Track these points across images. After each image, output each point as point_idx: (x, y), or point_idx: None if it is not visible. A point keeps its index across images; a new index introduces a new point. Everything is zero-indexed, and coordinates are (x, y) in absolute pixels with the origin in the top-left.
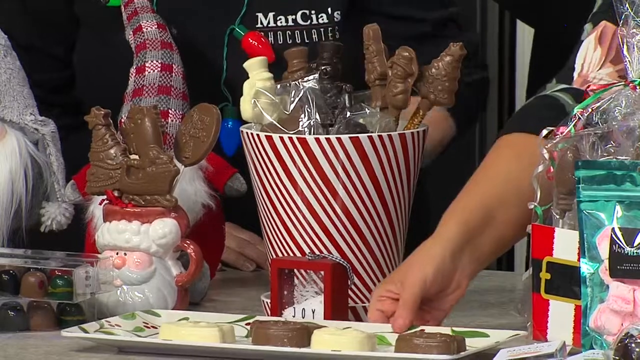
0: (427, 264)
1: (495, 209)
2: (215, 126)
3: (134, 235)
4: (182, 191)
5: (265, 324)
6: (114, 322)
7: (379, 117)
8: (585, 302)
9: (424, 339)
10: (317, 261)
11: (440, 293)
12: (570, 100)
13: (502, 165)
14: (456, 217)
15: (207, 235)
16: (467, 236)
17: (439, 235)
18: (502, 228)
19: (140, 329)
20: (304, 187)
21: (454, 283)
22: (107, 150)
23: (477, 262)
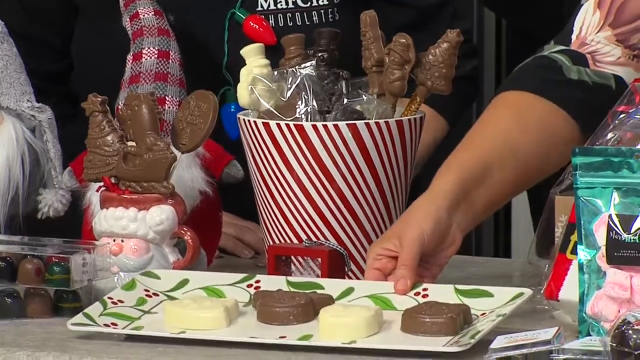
0: (424, 220)
1: (491, 167)
2: (212, 113)
3: (131, 222)
4: (179, 178)
5: (269, 298)
6: (116, 298)
7: (376, 103)
8: (583, 289)
9: (430, 317)
10: (314, 248)
11: (437, 248)
12: (568, 62)
13: (500, 123)
14: (453, 172)
15: (204, 222)
16: (463, 191)
17: (434, 190)
18: (497, 187)
19: (142, 301)
20: (301, 174)
21: (449, 238)
22: (104, 137)
23: (472, 217)
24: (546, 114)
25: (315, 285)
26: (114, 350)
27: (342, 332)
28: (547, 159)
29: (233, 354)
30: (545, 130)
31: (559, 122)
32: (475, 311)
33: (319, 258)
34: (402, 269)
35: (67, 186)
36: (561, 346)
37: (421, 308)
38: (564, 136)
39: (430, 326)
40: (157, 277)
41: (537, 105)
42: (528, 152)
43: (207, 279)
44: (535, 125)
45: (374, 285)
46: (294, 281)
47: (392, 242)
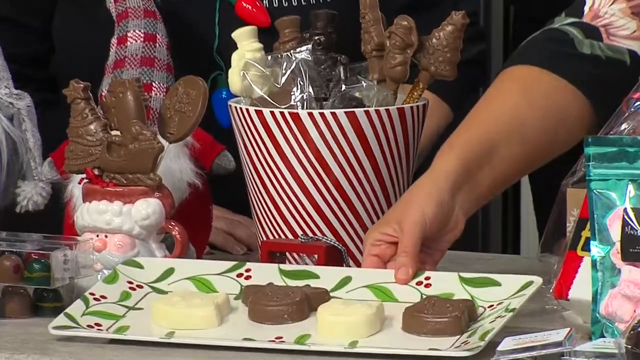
0: (425, 203)
1: (497, 145)
2: (202, 100)
3: (115, 216)
4: (167, 169)
5: (260, 295)
6: (99, 294)
7: (376, 90)
8: (596, 288)
9: (432, 316)
10: (310, 244)
11: (439, 232)
12: (580, 35)
13: (507, 99)
14: (455, 151)
15: (193, 216)
16: (466, 171)
17: (436, 170)
18: (502, 165)
19: (126, 295)
20: (296, 165)
21: (452, 221)
22: (87, 126)
23: (475, 199)
24: (555, 90)
25: (310, 275)
26: (97, 353)
27: (341, 332)
28: (555, 137)
29: (225, 356)
30: (553, 106)
31: (568, 99)
32: (482, 302)
33: (315, 254)
34: (403, 256)
35: (47, 178)
36: (573, 348)
37: (423, 306)
38: (573, 113)
39: (433, 326)
40: (141, 266)
41: (546, 80)
42: (535, 128)
43: (193, 268)
44: (543, 100)
45: (372, 274)
46: (287, 270)
47: (392, 227)
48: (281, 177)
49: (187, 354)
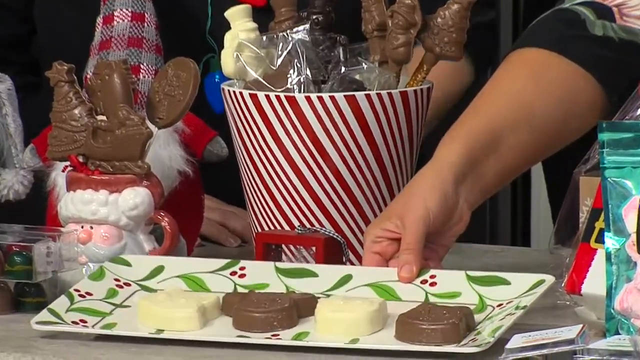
0: (429, 196)
1: (503, 133)
2: (193, 83)
3: (101, 206)
4: (156, 156)
5: (246, 303)
6: (84, 290)
7: (377, 72)
8: (610, 282)
9: (429, 323)
10: (307, 235)
11: (443, 227)
12: (592, 16)
13: (514, 84)
14: (459, 140)
15: (183, 206)
16: (471, 162)
17: (439, 161)
18: (509, 155)
19: (113, 293)
20: (293, 152)
21: (456, 215)
22: (71, 110)
23: (481, 191)
24: (565, 74)
25: (308, 273)
26: (83, 351)
27: (342, 329)
28: (565, 125)
29: (217, 354)
30: (564, 92)
31: (579, 84)
32: (491, 302)
33: (313, 247)
34: (407, 253)
35: (29, 166)
36: (586, 346)
37: (418, 313)
38: (585, 99)
39: (429, 333)
40: (128, 264)
41: (555, 64)
42: (544, 116)
43: (184, 266)
44: (553, 86)
45: (374, 273)
46: (284, 268)
47: (393, 222)
48: (277, 164)
49: (176, 352)
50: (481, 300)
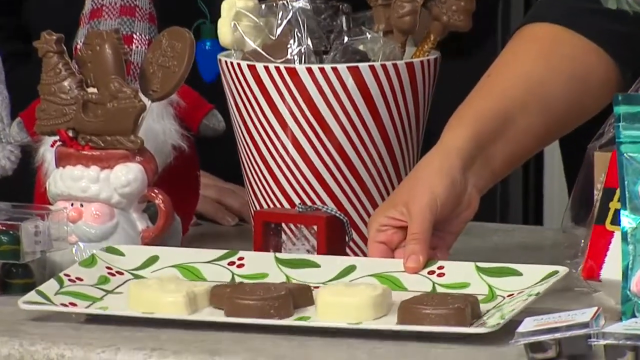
0: (436, 183)
1: (513, 115)
2: (188, 54)
3: (92, 183)
4: (149, 130)
5: (238, 291)
6: (74, 275)
7: (382, 42)
8: (626, 262)
9: (432, 308)
10: (308, 214)
11: (451, 214)
12: None
13: (524, 63)
14: (466, 124)
15: (178, 183)
16: (479, 146)
17: (446, 146)
18: (519, 138)
19: (105, 280)
20: (294, 126)
21: (465, 201)
22: (60, 83)
23: (491, 175)
24: (577, 50)
25: (310, 264)
26: (72, 335)
27: (343, 314)
28: (578, 104)
29: (212, 338)
30: (575, 69)
31: (592, 60)
32: (501, 292)
33: (314, 226)
34: (413, 243)
35: (16, 140)
36: (601, 330)
37: (421, 299)
38: (598, 77)
39: (433, 319)
40: (121, 253)
41: (567, 40)
42: (555, 96)
43: (179, 256)
44: (564, 64)
45: (379, 263)
46: (284, 258)
47: (399, 210)
48: (276, 139)
49: (170, 336)
50: (491, 290)
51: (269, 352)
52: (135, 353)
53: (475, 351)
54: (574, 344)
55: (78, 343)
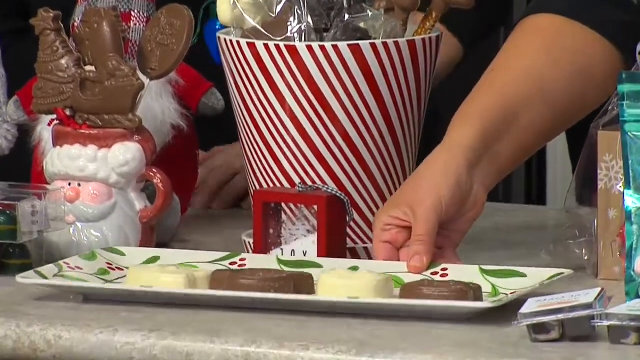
0: (441, 182)
1: (517, 111)
2: (187, 32)
3: (89, 162)
4: (148, 109)
5: (239, 273)
6: (74, 264)
7: (383, 20)
8: (630, 242)
9: (435, 288)
10: (309, 193)
11: (457, 214)
12: None
13: (527, 57)
14: (471, 122)
15: (177, 163)
16: (485, 142)
17: (451, 143)
18: (524, 133)
19: (104, 272)
20: (294, 105)
21: (471, 200)
22: (58, 61)
23: (497, 173)
24: (581, 43)
25: (312, 265)
26: (71, 316)
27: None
28: (582, 97)
29: (211, 319)
30: (580, 62)
31: (596, 52)
32: (504, 290)
33: (315, 206)
34: (417, 244)
35: (12, 119)
36: (604, 311)
37: (423, 282)
38: (602, 69)
39: (436, 298)
40: (122, 253)
41: (571, 32)
42: (559, 90)
43: (181, 257)
44: (568, 56)
45: (382, 266)
46: (286, 260)
47: (402, 210)
48: (276, 118)
49: (169, 316)
50: (494, 288)
51: (270, 332)
52: (133, 334)
53: (478, 332)
54: (577, 325)
55: (76, 324)
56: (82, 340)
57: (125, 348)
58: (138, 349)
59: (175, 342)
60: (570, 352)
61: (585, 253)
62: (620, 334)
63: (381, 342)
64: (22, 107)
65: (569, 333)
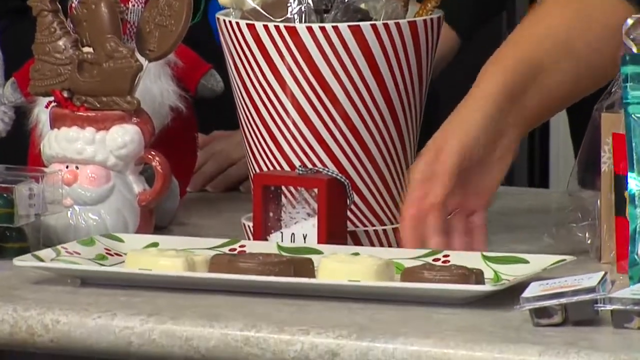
0: (465, 131)
1: (544, 64)
2: (186, 13)
3: (87, 144)
4: (146, 91)
5: (239, 257)
6: (72, 249)
7: (384, 1)
8: (634, 225)
9: (436, 272)
10: (309, 176)
11: (483, 168)
12: None
13: (554, 17)
14: (499, 72)
15: (176, 145)
16: (511, 94)
17: (476, 95)
18: (551, 87)
19: (102, 257)
20: (294, 87)
21: (497, 152)
22: (55, 42)
23: (524, 123)
24: (610, 8)
25: (313, 251)
26: (68, 300)
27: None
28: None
29: (210, 303)
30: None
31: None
32: (506, 276)
33: (315, 188)
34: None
35: (9, 101)
36: (607, 295)
37: (424, 266)
38: None
39: (438, 281)
40: (120, 240)
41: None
42: (587, 47)
43: (179, 243)
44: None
45: (383, 252)
46: (287, 246)
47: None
48: (276, 100)
49: (167, 300)
50: (496, 275)
51: (269, 317)
52: (131, 318)
53: (479, 316)
54: (580, 309)
55: (73, 308)
56: (80, 325)
57: (124, 332)
58: (137, 333)
59: (174, 326)
60: (573, 336)
61: (588, 237)
62: (624, 318)
63: (382, 327)
64: (19, 89)
65: (571, 317)
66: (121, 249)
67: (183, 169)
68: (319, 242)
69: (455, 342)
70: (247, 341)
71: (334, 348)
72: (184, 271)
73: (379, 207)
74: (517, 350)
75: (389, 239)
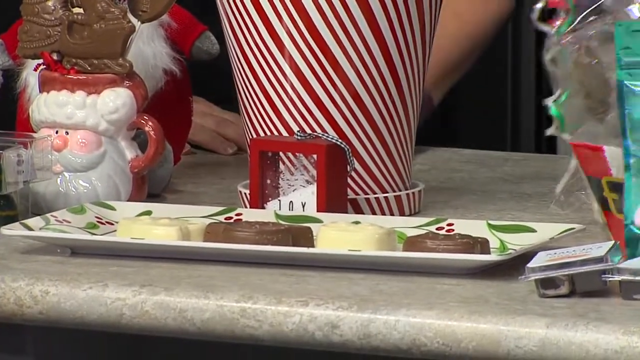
0: None
1: None
2: None
3: (78, 109)
4: (139, 53)
5: (235, 225)
6: (62, 217)
7: None
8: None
9: (439, 241)
10: (308, 142)
11: None
12: None
13: None
14: None
15: (170, 109)
16: None
17: None
18: None
19: (93, 226)
20: (293, 51)
21: None
22: (44, 2)
23: None
24: None
25: (311, 219)
26: (58, 270)
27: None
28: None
29: (206, 274)
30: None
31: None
32: (513, 246)
33: (314, 155)
34: None
35: None
36: (616, 265)
37: (427, 235)
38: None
39: (441, 251)
40: (112, 208)
41: None
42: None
43: (174, 212)
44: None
45: (385, 220)
46: (284, 215)
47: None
48: (274, 63)
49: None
50: (502, 244)
51: (266, 288)
52: (124, 289)
53: (484, 287)
54: (587, 279)
55: (63, 279)
56: (70, 296)
57: (116, 304)
58: (129, 304)
59: (167, 297)
60: (582, 307)
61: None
62: (633, 289)
63: (384, 298)
64: (7, 52)
65: (579, 288)
66: (113, 217)
67: (177, 134)
68: (318, 210)
69: (460, 314)
70: (244, 313)
71: (333, 320)
72: (178, 240)
73: (381, 174)
74: (524, 322)
75: (391, 207)
